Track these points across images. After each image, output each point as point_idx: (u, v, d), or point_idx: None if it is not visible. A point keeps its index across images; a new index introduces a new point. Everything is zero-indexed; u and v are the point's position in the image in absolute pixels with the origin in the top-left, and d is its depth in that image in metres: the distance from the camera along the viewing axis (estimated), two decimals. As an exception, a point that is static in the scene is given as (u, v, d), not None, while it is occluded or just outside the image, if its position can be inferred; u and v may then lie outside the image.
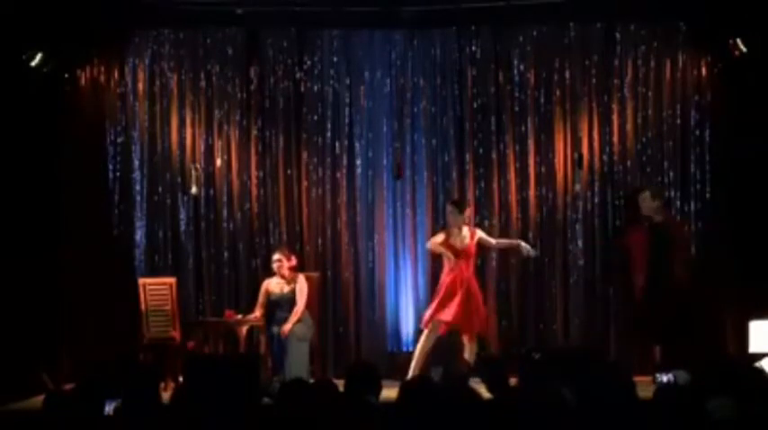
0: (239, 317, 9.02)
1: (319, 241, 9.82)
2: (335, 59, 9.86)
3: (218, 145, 9.77)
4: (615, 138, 9.75)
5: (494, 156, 9.84)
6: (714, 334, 9.16)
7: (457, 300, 8.59)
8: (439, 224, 9.79)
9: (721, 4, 8.97)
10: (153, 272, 9.52)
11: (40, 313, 8.83)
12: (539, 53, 9.79)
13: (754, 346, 8.52)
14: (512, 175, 9.80)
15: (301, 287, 8.87)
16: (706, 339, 8.98)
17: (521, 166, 9.83)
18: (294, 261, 9.01)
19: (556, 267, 9.72)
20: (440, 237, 8.86)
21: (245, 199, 9.81)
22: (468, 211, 9.04)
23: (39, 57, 8.81)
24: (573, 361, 7.08)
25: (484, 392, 5.23)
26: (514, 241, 9.11)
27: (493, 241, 9.01)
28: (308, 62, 9.84)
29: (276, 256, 8.98)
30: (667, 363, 8.36)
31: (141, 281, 9.19)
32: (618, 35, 9.73)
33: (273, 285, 8.96)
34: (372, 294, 9.80)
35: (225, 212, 9.76)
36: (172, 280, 9.22)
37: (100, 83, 9.64)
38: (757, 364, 7.70)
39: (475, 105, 9.85)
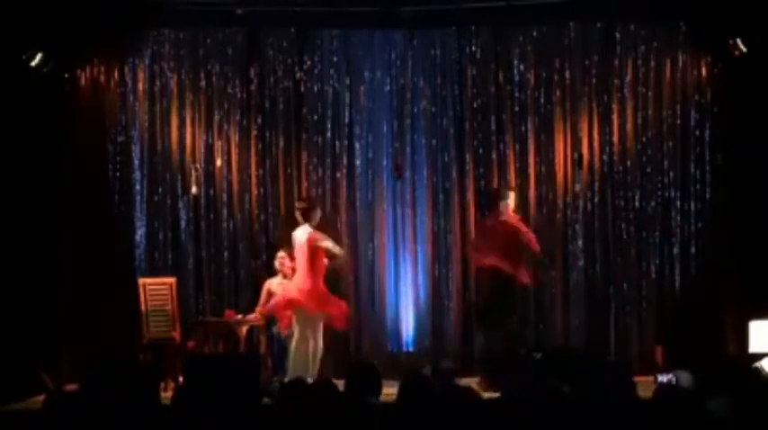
0: (239, 317, 9.02)
1: (319, 241, 9.81)
2: (335, 59, 9.86)
3: (218, 145, 9.77)
4: (615, 138, 9.76)
5: (494, 156, 9.84)
6: (714, 334, 9.17)
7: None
8: (439, 224, 9.80)
9: (721, 4, 8.96)
10: (153, 272, 9.52)
11: (39, 313, 8.82)
12: (539, 53, 9.79)
13: (754, 346, 8.52)
14: (512, 175, 9.80)
15: (303, 288, 8.85)
16: (706, 339, 9.02)
17: (521, 166, 9.83)
18: (297, 264, 8.97)
19: (556, 267, 9.72)
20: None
21: (245, 199, 9.81)
22: (316, 214, 8.73)
23: (39, 57, 8.81)
24: (573, 361, 7.10)
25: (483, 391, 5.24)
26: (338, 252, 8.72)
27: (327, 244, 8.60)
28: (308, 62, 9.85)
29: (280, 254, 8.97)
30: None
31: (141, 281, 9.18)
32: (618, 35, 9.73)
33: (275, 286, 8.95)
34: (372, 294, 9.80)
35: (225, 212, 9.77)
36: (172, 280, 9.21)
37: (100, 83, 9.64)
38: (757, 364, 7.71)
39: (475, 105, 9.85)
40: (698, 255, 9.60)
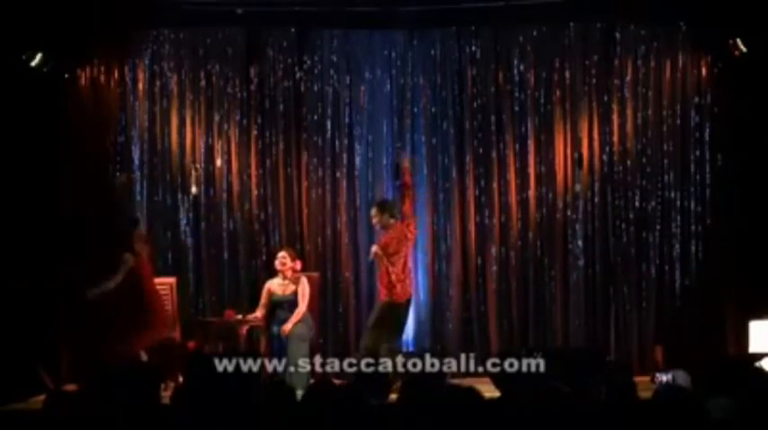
0: (239, 317, 9.01)
1: (319, 241, 9.82)
2: (335, 59, 9.86)
3: (218, 145, 9.77)
4: (615, 138, 9.76)
5: (494, 156, 9.84)
6: (714, 334, 9.18)
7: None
8: (439, 224, 9.81)
9: (721, 4, 8.97)
10: (153, 272, 9.49)
11: (39, 313, 8.82)
12: (539, 53, 9.79)
13: (754, 346, 8.52)
14: (512, 175, 9.80)
15: (303, 289, 8.84)
16: (706, 339, 9.03)
17: (521, 166, 9.83)
18: (298, 265, 8.97)
19: (556, 267, 9.72)
20: None
21: (245, 199, 9.81)
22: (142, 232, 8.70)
23: (39, 57, 8.81)
24: (573, 361, 7.10)
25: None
26: None
27: None
28: (308, 62, 9.85)
29: (281, 253, 8.96)
30: None
31: (141, 281, 9.17)
32: (618, 35, 9.74)
33: (276, 286, 8.95)
34: (372, 294, 9.79)
35: (225, 212, 9.76)
36: (172, 280, 9.21)
37: (100, 83, 9.63)
38: (757, 364, 7.72)
39: (475, 105, 9.85)
40: (698, 255, 9.60)
